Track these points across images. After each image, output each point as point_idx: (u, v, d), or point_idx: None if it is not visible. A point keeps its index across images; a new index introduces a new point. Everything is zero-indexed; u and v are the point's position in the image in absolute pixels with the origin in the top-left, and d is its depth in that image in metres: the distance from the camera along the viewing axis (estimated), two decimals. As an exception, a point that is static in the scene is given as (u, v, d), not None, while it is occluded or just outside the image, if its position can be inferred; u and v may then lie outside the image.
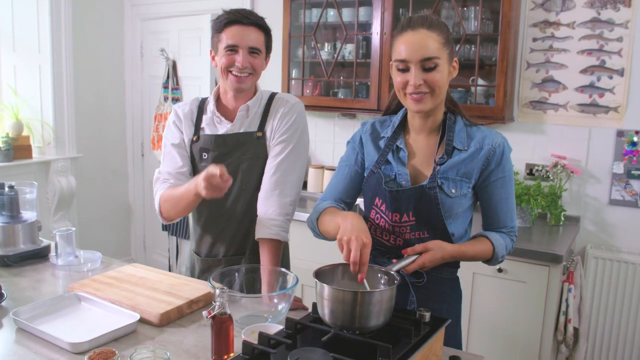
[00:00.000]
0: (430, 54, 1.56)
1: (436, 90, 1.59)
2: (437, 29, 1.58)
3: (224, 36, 1.93)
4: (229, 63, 1.93)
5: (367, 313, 1.34)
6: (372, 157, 1.76)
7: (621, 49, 3.08)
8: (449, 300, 1.76)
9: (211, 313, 1.43)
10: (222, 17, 1.95)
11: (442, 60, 1.58)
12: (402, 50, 1.59)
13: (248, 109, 2.02)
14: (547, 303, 2.77)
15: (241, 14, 1.94)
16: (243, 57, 1.92)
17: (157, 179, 2.06)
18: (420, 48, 1.56)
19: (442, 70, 1.59)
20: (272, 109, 2.04)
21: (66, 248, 2.22)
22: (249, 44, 1.93)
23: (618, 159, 3.14)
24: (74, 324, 1.66)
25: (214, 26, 1.97)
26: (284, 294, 1.67)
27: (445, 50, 1.59)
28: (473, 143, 1.67)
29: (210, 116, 2.05)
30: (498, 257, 1.71)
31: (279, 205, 1.96)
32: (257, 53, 1.96)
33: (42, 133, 4.32)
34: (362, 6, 3.52)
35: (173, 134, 2.08)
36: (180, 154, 2.05)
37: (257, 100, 2.04)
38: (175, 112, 2.10)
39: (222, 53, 1.94)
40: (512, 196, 1.73)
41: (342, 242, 1.44)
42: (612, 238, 3.21)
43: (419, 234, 1.67)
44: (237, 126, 2.03)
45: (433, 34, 1.57)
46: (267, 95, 2.09)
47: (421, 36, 1.57)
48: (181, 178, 2.01)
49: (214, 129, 2.05)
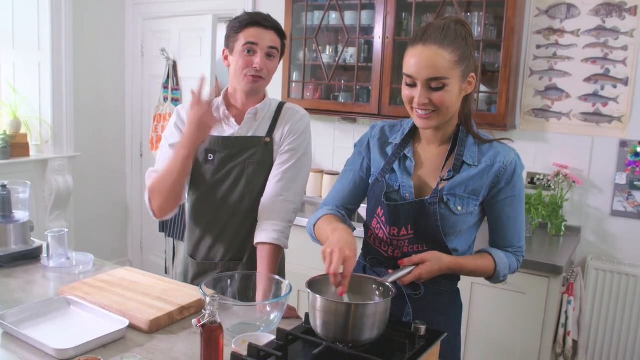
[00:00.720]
0: (438, 74, 1.48)
1: (442, 109, 1.53)
2: (452, 45, 1.49)
3: (242, 36, 1.92)
4: (246, 64, 1.93)
5: (361, 326, 1.30)
6: (379, 164, 1.71)
7: (626, 57, 3.04)
8: (447, 313, 1.71)
9: (201, 321, 1.40)
10: (242, 18, 1.95)
11: (453, 80, 1.50)
12: (410, 65, 1.52)
13: (257, 112, 2.02)
14: (546, 315, 2.73)
15: (261, 17, 1.95)
16: (261, 60, 1.92)
17: (149, 177, 2.02)
18: (428, 67, 1.48)
19: (451, 90, 1.51)
20: (283, 116, 2.04)
21: (58, 249, 2.19)
22: (268, 44, 1.93)
23: (621, 169, 3.10)
24: (62, 329, 1.63)
25: (231, 26, 1.96)
26: (277, 302, 1.63)
27: (458, 67, 1.50)
28: (484, 159, 1.61)
29: (217, 116, 2.03)
30: (500, 276, 1.65)
31: (282, 211, 1.95)
32: (274, 55, 1.96)
33: (40, 131, 4.29)
34: (365, 9, 3.49)
35: (173, 135, 2.05)
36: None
37: (265, 105, 2.04)
38: (178, 113, 2.07)
39: (240, 52, 1.93)
40: (521, 215, 1.67)
41: (326, 253, 1.42)
42: (613, 249, 3.17)
43: (418, 247, 1.63)
44: (245, 129, 2.02)
45: (445, 52, 1.48)
46: (276, 102, 2.09)
47: (431, 53, 1.48)
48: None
49: (221, 129, 2.03)
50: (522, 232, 1.69)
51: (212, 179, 2.01)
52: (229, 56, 1.99)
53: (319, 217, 1.72)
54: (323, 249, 1.44)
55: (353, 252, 1.42)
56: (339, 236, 1.47)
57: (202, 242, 2.09)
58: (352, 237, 1.50)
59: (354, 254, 1.42)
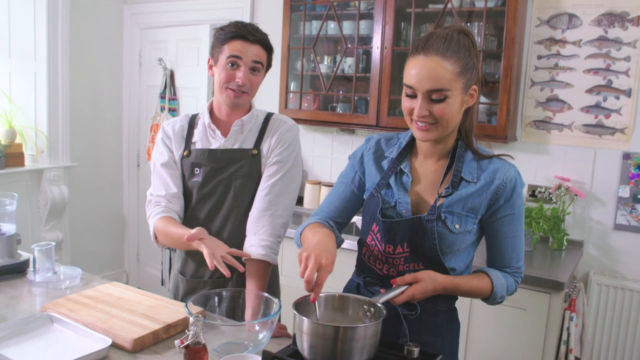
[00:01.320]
0: (439, 86, 1.43)
1: (442, 122, 1.47)
2: (455, 56, 1.44)
3: (227, 48, 1.88)
4: (229, 79, 1.89)
5: (349, 349, 1.24)
6: (374, 179, 1.66)
7: (629, 68, 2.99)
8: (444, 334, 1.64)
9: (184, 342, 1.34)
10: (227, 29, 1.89)
11: (454, 92, 1.45)
12: (411, 76, 1.47)
13: (243, 124, 1.97)
14: (547, 331, 2.66)
15: (247, 30, 1.89)
16: (244, 74, 1.87)
17: (150, 202, 2.00)
18: (429, 78, 1.43)
19: (452, 103, 1.45)
20: (270, 127, 1.99)
21: (45, 263, 2.14)
22: (253, 58, 1.88)
23: (624, 182, 3.04)
24: (44, 347, 1.58)
25: (217, 36, 1.91)
26: (265, 321, 1.57)
27: (460, 79, 1.45)
28: (483, 176, 1.55)
29: (203, 129, 1.99)
30: (497, 297, 1.60)
31: (270, 226, 1.89)
32: (258, 70, 1.92)
33: (36, 141, 4.25)
34: (363, 19, 3.45)
35: (162, 154, 2.01)
36: (171, 175, 1.98)
37: (252, 116, 1.99)
38: (164, 130, 2.03)
39: (223, 65, 1.88)
40: (520, 235, 1.60)
41: (302, 257, 1.37)
42: (616, 264, 3.10)
43: (414, 266, 1.56)
44: (231, 142, 1.97)
45: (447, 63, 1.43)
46: (263, 114, 2.04)
47: (432, 64, 1.43)
48: (173, 201, 1.97)
49: (207, 143, 1.98)
50: (521, 252, 1.63)
51: (199, 194, 1.97)
52: (213, 66, 1.95)
53: (306, 225, 1.67)
54: (299, 251, 1.39)
55: (329, 259, 1.36)
56: (318, 240, 1.42)
57: (190, 258, 2.05)
58: (332, 242, 1.45)
59: (331, 262, 1.36)
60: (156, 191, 1.99)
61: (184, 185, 1.99)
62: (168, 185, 1.97)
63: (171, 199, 1.96)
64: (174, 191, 1.97)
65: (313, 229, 1.59)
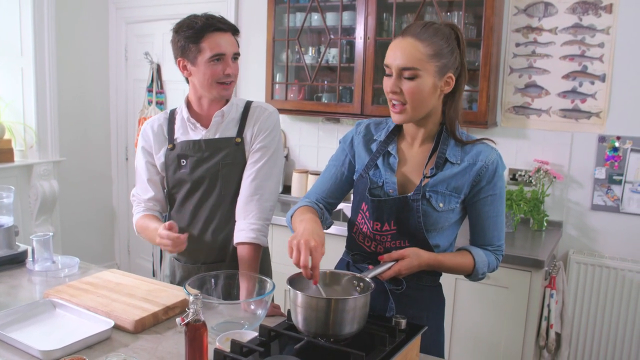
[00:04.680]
0: (409, 64, 1.53)
1: (413, 103, 1.56)
2: (429, 39, 1.53)
3: (205, 46, 1.88)
4: (216, 73, 1.91)
5: (341, 320, 1.33)
6: (363, 160, 1.74)
7: (603, 54, 3.09)
8: (430, 307, 1.74)
9: (185, 320, 1.41)
10: (196, 26, 1.88)
11: (424, 73, 1.53)
12: (388, 55, 1.58)
13: (223, 114, 2.02)
14: (529, 308, 2.77)
15: (217, 20, 1.91)
16: (232, 66, 1.93)
17: (133, 200, 2.14)
18: (402, 56, 1.53)
19: (422, 83, 1.54)
20: (251, 115, 2.05)
21: (43, 253, 2.20)
22: (234, 50, 1.94)
23: (600, 164, 3.15)
24: (48, 331, 1.64)
25: (187, 36, 1.89)
26: (260, 300, 1.65)
27: (432, 62, 1.53)
28: (467, 158, 1.64)
29: (182, 124, 2.05)
30: (478, 274, 1.69)
31: (259, 209, 1.96)
32: (237, 58, 1.97)
33: (25, 136, 4.27)
34: (346, 10, 3.51)
35: (140, 160, 2.11)
36: (150, 181, 2.09)
37: (231, 106, 2.04)
38: (143, 135, 2.10)
39: (206, 64, 1.89)
40: (501, 215, 1.70)
41: (292, 245, 1.44)
42: (594, 243, 3.22)
43: (400, 243, 1.65)
44: (212, 132, 2.02)
45: (420, 44, 1.52)
46: (243, 102, 2.09)
47: (406, 44, 1.54)
48: (153, 203, 2.10)
49: (188, 135, 2.04)
50: (502, 231, 1.73)
51: (188, 184, 2.03)
52: (189, 66, 1.94)
53: (296, 208, 1.74)
54: (289, 240, 1.46)
55: (318, 241, 1.43)
56: (305, 226, 1.50)
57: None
58: (319, 226, 1.53)
59: (320, 243, 1.44)
60: (137, 193, 2.13)
61: (173, 177, 2.06)
62: (147, 190, 2.09)
63: (150, 202, 2.09)
64: (151, 195, 2.09)
65: (300, 215, 1.66)
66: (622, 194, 3.12)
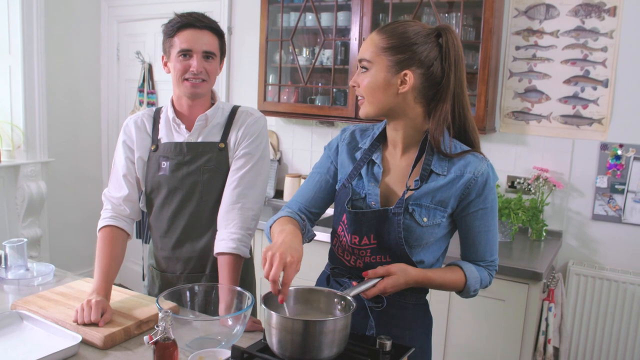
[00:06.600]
0: (362, 55, 1.51)
1: (366, 95, 1.51)
2: (388, 34, 1.48)
3: (176, 40, 1.85)
4: (184, 69, 1.86)
5: (319, 343, 1.22)
6: (347, 169, 1.63)
7: (605, 59, 2.99)
8: (414, 327, 1.62)
9: (153, 338, 1.31)
10: (174, 21, 1.87)
11: (376, 66, 1.48)
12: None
13: (207, 118, 1.94)
14: (526, 322, 2.67)
15: (194, 17, 1.87)
16: (198, 62, 1.84)
17: (104, 200, 2.01)
18: (361, 49, 1.53)
19: (373, 76, 1.48)
20: (237, 120, 1.97)
21: (17, 260, 2.11)
22: (203, 48, 1.85)
23: (602, 172, 3.05)
24: (13, 345, 1.56)
25: (166, 30, 1.90)
26: (237, 316, 1.55)
27: (385, 55, 1.47)
28: (454, 169, 1.51)
29: (166, 124, 1.97)
30: (470, 291, 1.58)
31: (240, 219, 1.87)
32: (212, 57, 1.88)
33: (12, 136, 4.18)
34: (341, 11, 3.42)
35: (120, 156, 2.00)
36: (126, 178, 1.98)
37: (216, 110, 1.96)
38: (125, 130, 2.01)
39: (176, 59, 1.86)
40: (493, 229, 1.58)
41: (266, 256, 1.34)
42: (595, 254, 3.12)
43: (381, 258, 1.54)
44: (195, 136, 1.94)
45: (377, 38, 1.49)
46: (229, 107, 2.01)
47: (369, 38, 1.53)
48: (124, 204, 1.96)
49: (171, 136, 1.96)
50: (495, 246, 1.61)
51: (167, 188, 1.94)
52: (168, 62, 1.92)
53: (276, 219, 1.63)
54: (264, 251, 1.36)
55: (295, 257, 1.34)
56: (284, 239, 1.40)
57: (162, 253, 2.02)
58: (298, 240, 1.43)
59: (297, 260, 1.34)
60: (109, 192, 2.00)
61: (151, 180, 1.96)
62: (121, 187, 1.97)
63: (122, 202, 1.96)
64: (125, 193, 1.96)
65: (280, 225, 1.55)
66: (624, 203, 3.02)
